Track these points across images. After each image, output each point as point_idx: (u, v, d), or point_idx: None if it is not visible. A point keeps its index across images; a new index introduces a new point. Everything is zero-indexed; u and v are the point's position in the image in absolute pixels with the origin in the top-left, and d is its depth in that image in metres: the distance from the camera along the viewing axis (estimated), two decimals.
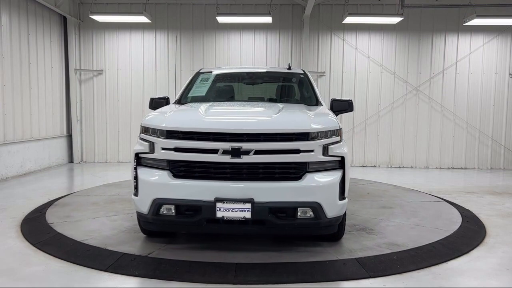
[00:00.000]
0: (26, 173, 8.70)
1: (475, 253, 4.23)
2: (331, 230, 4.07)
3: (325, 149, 3.83)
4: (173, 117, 4.06)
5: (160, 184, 3.78)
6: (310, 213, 3.74)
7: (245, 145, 3.66)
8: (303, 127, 3.81)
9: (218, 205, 3.65)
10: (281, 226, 3.78)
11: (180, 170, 3.83)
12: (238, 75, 6.06)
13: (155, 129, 3.90)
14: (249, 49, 10.47)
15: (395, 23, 9.90)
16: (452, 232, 4.79)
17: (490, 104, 10.47)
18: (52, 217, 5.13)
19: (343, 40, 10.42)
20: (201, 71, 5.71)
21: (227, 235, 4.49)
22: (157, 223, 3.94)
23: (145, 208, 3.84)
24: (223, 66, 9.65)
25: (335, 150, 3.88)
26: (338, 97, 9.96)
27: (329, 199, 3.77)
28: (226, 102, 5.09)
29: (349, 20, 9.54)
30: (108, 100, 10.63)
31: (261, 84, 6.02)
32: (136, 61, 10.55)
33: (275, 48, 10.48)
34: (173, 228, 4.13)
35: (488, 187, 8.03)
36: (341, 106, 4.92)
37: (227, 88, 5.71)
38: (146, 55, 10.53)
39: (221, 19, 9.63)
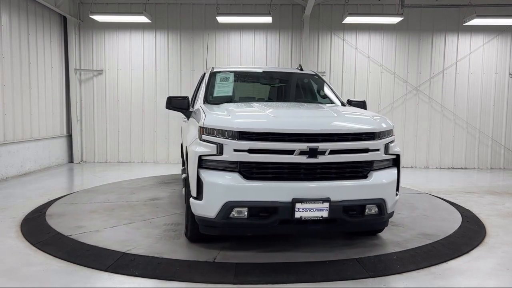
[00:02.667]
0: (26, 173, 8.70)
1: (475, 253, 4.23)
2: (385, 224, 4.27)
3: (386, 148, 4.01)
4: (242, 117, 3.92)
5: (233, 187, 3.64)
6: (375, 209, 3.88)
7: (321, 145, 3.70)
8: (371, 127, 3.94)
9: (297, 205, 3.63)
10: (350, 224, 3.89)
11: (252, 171, 3.72)
12: (255, 75, 5.97)
13: (224, 130, 3.72)
14: (249, 49, 10.47)
15: (395, 23, 9.89)
16: (452, 232, 4.80)
17: (490, 104, 10.47)
18: (64, 229, 4.68)
19: (343, 40, 10.42)
20: (214, 70, 5.53)
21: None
22: (226, 227, 3.81)
23: (212, 212, 3.69)
24: (231, 66, 9.64)
25: (393, 148, 4.08)
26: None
27: (390, 195, 3.96)
28: (269, 103, 5.01)
29: (349, 20, 9.54)
30: (108, 100, 10.63)
31: (279, 84, 5.90)
32: (136, 61, 10.54)
33: (275, 48, 10.48)
34: (242, 231, 3.99)
35: (488, 187, 8.03)
36: (357, 106, 5.10)
37: (251, 88, 5.70)
38: (146, 55, 10.53)
39: (221, 19, 9.63)
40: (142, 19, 9.58)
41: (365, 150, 3.87)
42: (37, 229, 4.76)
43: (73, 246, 4.19)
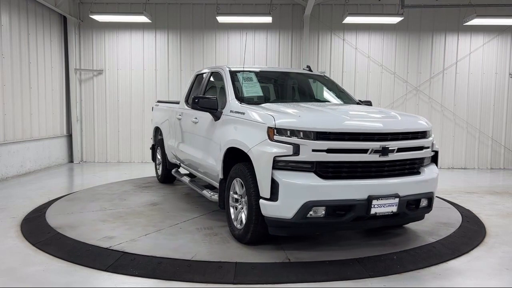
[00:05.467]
0: (26, 173, 8.70)
1: (475, 253, 4.24)
2: (423, 217, 4.58)
3: (432, 145, 4.36)
4: (312, 118, 3.98)
5: (313, 187, 3.68)
6: (425, 202, 4.22)
7: (391, 144, 3.91)
8: (424, 126, 4.30)
9: (374, 202, 3.78)
10: (407, 217, 4.21)
11: (328, 171, 3.79)
12: (274, 75, 5.95)
13: (300, 130, 3.76)
14: (249, 49, 10.46)
15: (395, 23, 9.89)
16: (452, 232, 4.80)
17: (490, 104, 10.47)
18: (94, 241, 4.28)
19: (343, 40, 10.41)
20: (232, 69, 5.38)
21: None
22: (301, 227, 3.87)
23: (290, 213, 3.70)
24: (244, 66, 9.59)
25: (436, 146, 4.47)
26: None
27: (435, 189, 4.32)
28: (309, 103, 5.12)
29: (349, 20, 9.54)
30: (108, 100, 10.63)
31: (299, 85, 5.91)
32: (136, 61, 10.54)
33: (275, 48, 10.48)
34: (317, 229, 4.10)
35: (488, 187, 8.03)
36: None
37: (277, 88, 5.74)
38: (146, 55, 10.53)
39: (221, 19, 9.63)
40: (142, 19, 9.58)
41: (421, 148, 4.19)
42: (37, 229, 4.76)
43: (73, 246, 4.18)
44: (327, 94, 5.79)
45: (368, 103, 5.59)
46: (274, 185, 3.73)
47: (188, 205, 5.89)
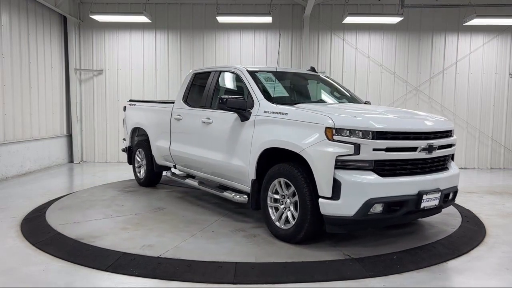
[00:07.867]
0: (26, 173, 8.70)
1: (475, 253, 4.24)
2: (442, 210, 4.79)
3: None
4: (372, 118, 4.14)
5: (375, 184, 3.84)
6: (452, 195, 4.54)
7: (434, 142, 4.24)
8: (452, 125, 4.69)
9: (424, 197, 4.03)
10: (440, 209, 4.49)
11: (385, 169, 3.97)
12: (291, 76, 5.95)
13: (361, 130, 3.88)
14: (249, 49, 10.47)
15: (395, 23, 9.89)
16: (452, 232, 4.80)
17: (490, 104, 10.47)
18: (136, 250, 4.06)
19: (343, 40, 10.41)
20: (249, 69, 5.28)
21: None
22: (360, 224, 4.04)
23: (352, 211, 3.80)
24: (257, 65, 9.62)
25: (456, 144, 4.79)
26: None
27: (458, 183, 4.64)
28: (342, 104, 5.42)
29: (349, 20, 9.54)
30: (108, 100, 10.63)
31: (308, 85, 5.95)
32: (136, 61, 10.54)
33: (275, 48, 10.47)
34: (372, 225, 4.47)
35: (488, 187, 8.03)
36: None
37: (296, 89, 5.81)
38: (146, 55, 10.53)
39: (221, 19, 9.63)
40: (142, 19, 9.58)
41: (451, 145, 4.57)
42: (37, 229, 4.76)
43: (73, 246, 4.19)
44: (342, 95, 5.84)
45: (368, 103, 5.69)
46: (336, 184, 3.83)
47: (197, 208, 5.74)
